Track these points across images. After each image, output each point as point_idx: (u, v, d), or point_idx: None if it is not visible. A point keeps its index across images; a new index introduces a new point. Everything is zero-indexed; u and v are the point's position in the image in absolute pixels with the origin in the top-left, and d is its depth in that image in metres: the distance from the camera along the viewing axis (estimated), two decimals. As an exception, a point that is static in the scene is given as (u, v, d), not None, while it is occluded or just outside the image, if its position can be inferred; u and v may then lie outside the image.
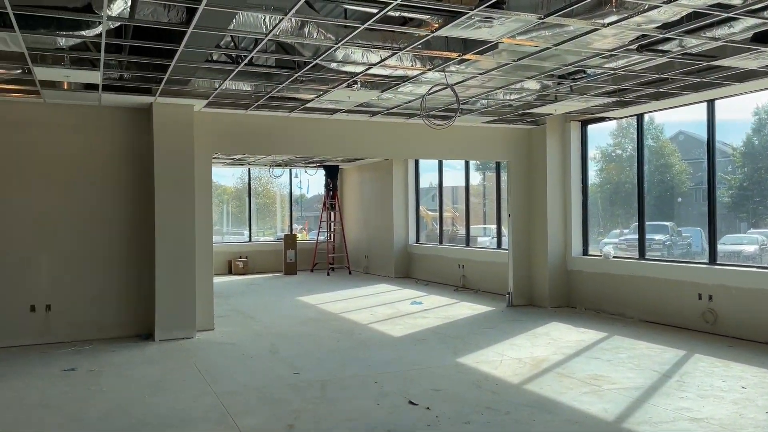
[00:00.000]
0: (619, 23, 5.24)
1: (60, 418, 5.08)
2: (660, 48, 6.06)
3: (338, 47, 5.86)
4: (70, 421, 5.00)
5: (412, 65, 6.63)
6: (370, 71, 6.77)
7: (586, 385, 5.85)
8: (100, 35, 5.38)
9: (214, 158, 14.66)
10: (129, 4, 4.80)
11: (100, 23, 5.09)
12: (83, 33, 5.28)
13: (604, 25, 5.27)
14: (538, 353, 7.20)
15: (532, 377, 6.18)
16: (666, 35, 5.58)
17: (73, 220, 8.26)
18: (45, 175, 8.13)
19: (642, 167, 9.57)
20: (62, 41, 5.55)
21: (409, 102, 8.48)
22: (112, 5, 4.75)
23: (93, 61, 6.45)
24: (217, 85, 7.43)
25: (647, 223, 9.71)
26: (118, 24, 5.29)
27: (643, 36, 5.66)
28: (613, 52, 6.13)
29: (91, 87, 7.44)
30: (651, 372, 6.29)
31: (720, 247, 8.81)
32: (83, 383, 6.14)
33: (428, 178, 16.48)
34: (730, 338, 7.81)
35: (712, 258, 8.44)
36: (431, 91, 7.44)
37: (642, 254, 9.55)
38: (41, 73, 6.56)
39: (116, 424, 4.90)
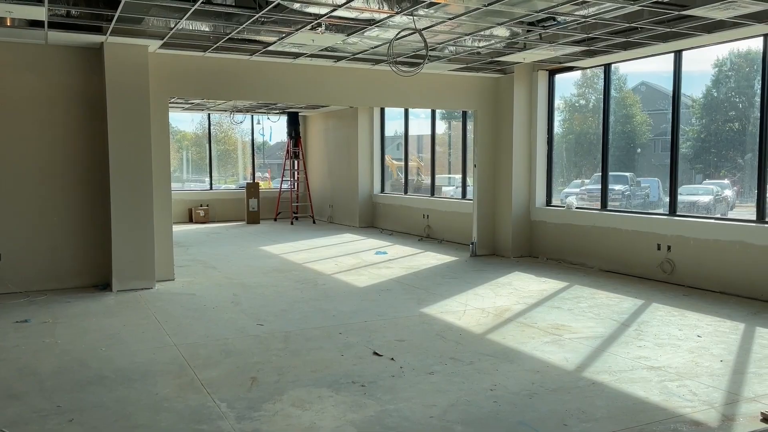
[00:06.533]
0: (594, -32, 5.07)
1: (13, 371, 4.91)
2: (632, -5, 5.94)
3: (301, -14, 5.55)
4: (24, 375, 4.84)
5: (379, 8, 6.36)
6: (336, 13, 6.48)
7: (547, 335, 5.93)
8: (41, -34, 4.96)
9: (172, 103, 14.15)
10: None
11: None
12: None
13: (578, -30, 5.10)
14: (500, 303, 7.27)
15: (494, 327, 6.24)
16: (640, -18, 5.44)
17: (22, 166, 7.86)
18: (-11, 119, 7.68)
19: (608, 118, 9.57)
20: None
21: (376, 47, 8.21)
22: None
23: (36, -5, 5.99)
24: (172, 25, 7.03)
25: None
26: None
27: (617, -18, 5.52)
28: (585, -1, 5.98)
29: (36, 24, 6.95)
30: (610, 321, 6.41)
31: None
32: (37, 335, 5.94)
33: (393, 126, 16.25)
34: (686, 287, 8.02)
35: (672, 209, 8.57)
36: (399, 35, 7.19)
37: (604, 205, 9.65)
38: (-21, 7, 6.08)
39: (72, 378, 4.76)
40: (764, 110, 7.43)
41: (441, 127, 15.60)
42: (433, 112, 13.83)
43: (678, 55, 8.35)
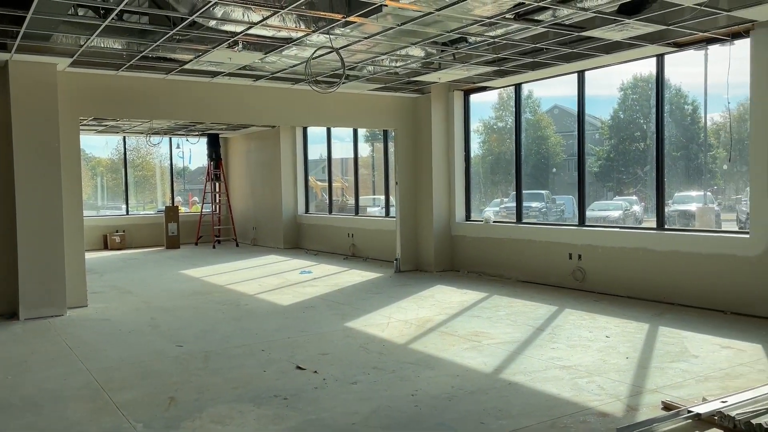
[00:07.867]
0: (498, -10, 5.37)
1: None
2: (535, 17, 6.30)
3: (216, 3, 5.57)
4: None
5: (296, 26, 6.46)
6: (252, 31, 6.52)
7: (467, 342, 6.10)
8: (-63, -23, 4.76)
9: (84, 125, 13.65)
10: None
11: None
12: None
13: (483, -9, 5.38)
14: (423, 314, 7.41)
15: (417, 337, 6.35)
16: (541, 4, 5.79)
17: None
18: None
19: (519, 137, 10.00)
20: None
21: (295, 66, 8.28)
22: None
23: (-68, 9, 5.71)
24: (82, 42, 6.85)
25: (525, 191, 10.19)
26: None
27: (520, 4, 5.85)
28: (492, 20, 6.30)
29: (-69, 39, 6.61)
30: (526, 327, 6.66)
31: (589, 213, 9.48)
32: (-67, 368, 5.54)
33: (318, 149, 16.32)
34: (596, 294, 8.44)
35: (581, 220, 9.04)
36: (316, 54, 7.30)
37: (519, 218, 10.05)
38: None
39: (-27, 409, 4.47)
40: (659, 125, 8.01)
41: (365, 149, 15.84)
42: (356, 134, 14.01)
43: (581, 75, 8.88)
